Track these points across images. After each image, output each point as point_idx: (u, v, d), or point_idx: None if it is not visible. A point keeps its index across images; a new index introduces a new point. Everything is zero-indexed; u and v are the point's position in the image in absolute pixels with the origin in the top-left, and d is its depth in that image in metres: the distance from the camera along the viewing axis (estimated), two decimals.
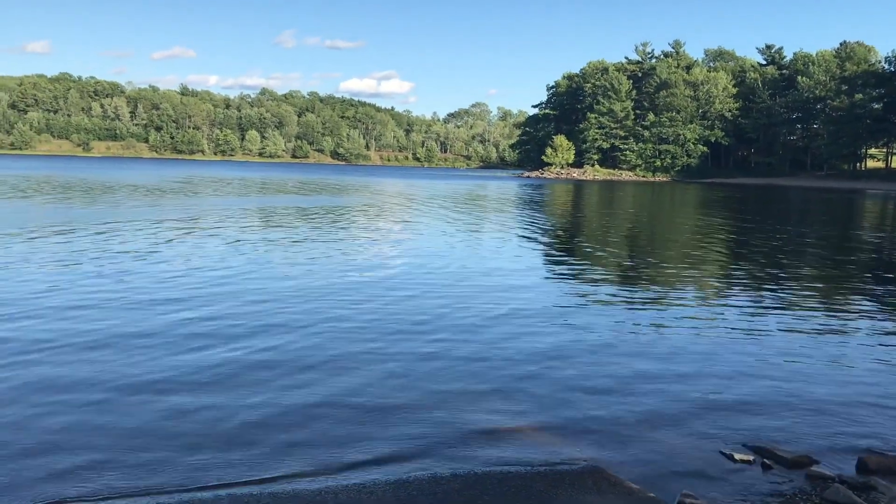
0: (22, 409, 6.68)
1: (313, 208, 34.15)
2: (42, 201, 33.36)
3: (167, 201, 36.25)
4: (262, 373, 7.97)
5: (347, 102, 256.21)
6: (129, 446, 5.99)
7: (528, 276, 15.52)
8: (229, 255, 16.91)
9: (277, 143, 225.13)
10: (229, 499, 5.18)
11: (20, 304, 10.90)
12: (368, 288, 13.28)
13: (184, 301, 11.50)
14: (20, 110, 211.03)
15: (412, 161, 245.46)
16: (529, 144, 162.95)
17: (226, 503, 5.13)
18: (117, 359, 8.30)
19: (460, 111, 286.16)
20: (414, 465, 5.80)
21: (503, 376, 8.12)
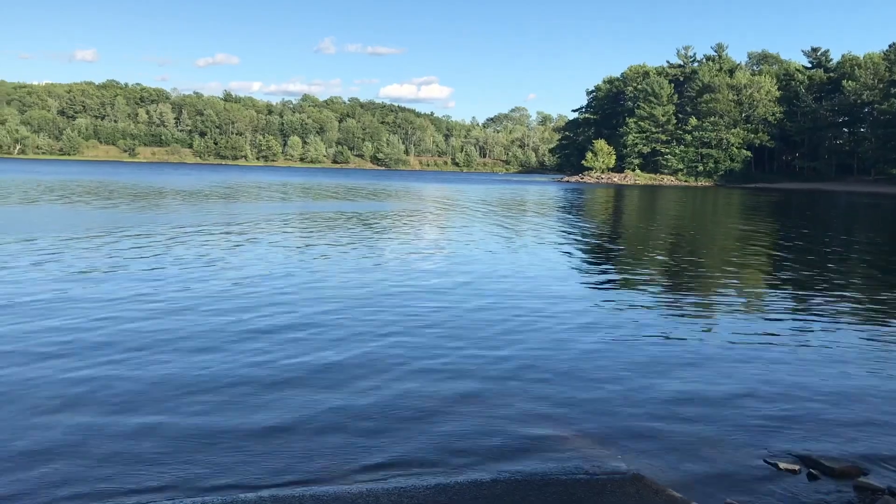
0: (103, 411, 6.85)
1: (357, 214, 34.35)
2: (101, 206, 34.08)
3: (220, 206, 36.77)
4: (316, 375, 8.08)
5: (387, 108, 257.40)
6: (178, 447, 6.10)
7: (569, 283, 15.43)
8: (289, 261, 17.18)
9: (319, 148, 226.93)
10: (272, 500, 5.23)
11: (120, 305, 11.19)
12: (411, 293, 13.32)
13: (262, 308, 11.62)
14: (69, 116, 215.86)
15: (451, 166, 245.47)
16: (569, 149, 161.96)
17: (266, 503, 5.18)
18: (185, 359, 8.50)
19: (499, 116, 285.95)
20: (455, 470, 5.80)
21: (544, 382, 8.09)
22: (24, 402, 7.00)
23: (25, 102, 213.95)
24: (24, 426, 6.42)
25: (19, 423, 6.49)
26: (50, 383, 7.58)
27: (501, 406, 7.28)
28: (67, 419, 6.62)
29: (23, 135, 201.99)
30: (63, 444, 6.09)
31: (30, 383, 7.55)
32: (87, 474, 5.56)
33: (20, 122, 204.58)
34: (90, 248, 18.36)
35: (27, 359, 8.40)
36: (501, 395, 7.60)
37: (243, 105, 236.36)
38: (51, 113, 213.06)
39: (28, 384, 7.51)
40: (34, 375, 7.82)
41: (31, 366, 8.15)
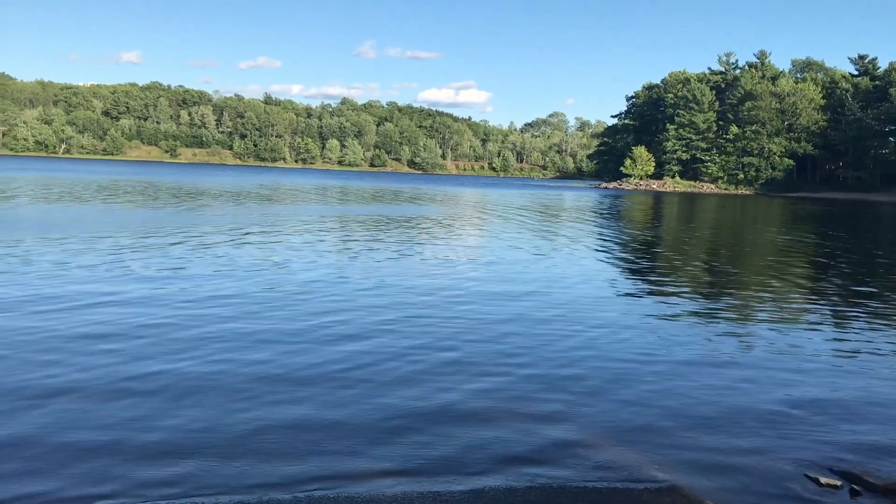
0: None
1: (399, 218, 34.49)
2: (156, 205, 34.69)
3: (268, 208, 37.21)
4: (353, 376, 8.14)
5: (425, 112, 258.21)
6: (220, 446, 6.19)
7: (606, 291, 15.30)
8: (339, 263, 17.36)
9: (356, 151, 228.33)
10: (307, 500, 5.28)
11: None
12: (447, 299, 13.35)
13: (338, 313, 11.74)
14: (113, 117, 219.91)
15: (488, 171, 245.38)
16: (607, 155, 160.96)
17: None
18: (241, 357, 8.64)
19: (537, 121, 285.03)
20: (489, 475, 5.79)
21: (581, 390, 8.06)
22: (157, 398, 7.22)
23: (71, 103, 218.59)
24: (161, 415, 6.76)
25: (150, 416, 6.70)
26: (165, 380, 7.81)
27: (538, 412, 7.26)
28: (185, 414, 6.85)
29: (68, 134, 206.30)
30: (191, 438, 6.32)
31: (165, 376, 7.87)
32: (224, 468, 5.73)
33: (66, 122, 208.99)
34: (159, 248, 18.71)
35: (151, 354, 8.70)
36: (538, 402, 7.58)
37: (283, 108, 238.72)
38: (95, 113, 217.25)
39: (165, 377, 7.85)
40: (168, 368, 8.15)
41: (166, 357, 8.48)
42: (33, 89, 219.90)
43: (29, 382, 7.49)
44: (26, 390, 7.26)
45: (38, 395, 7.16)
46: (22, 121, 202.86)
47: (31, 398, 7.05)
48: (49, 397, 7.09)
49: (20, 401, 6.96)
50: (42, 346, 8.83)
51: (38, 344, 8.95)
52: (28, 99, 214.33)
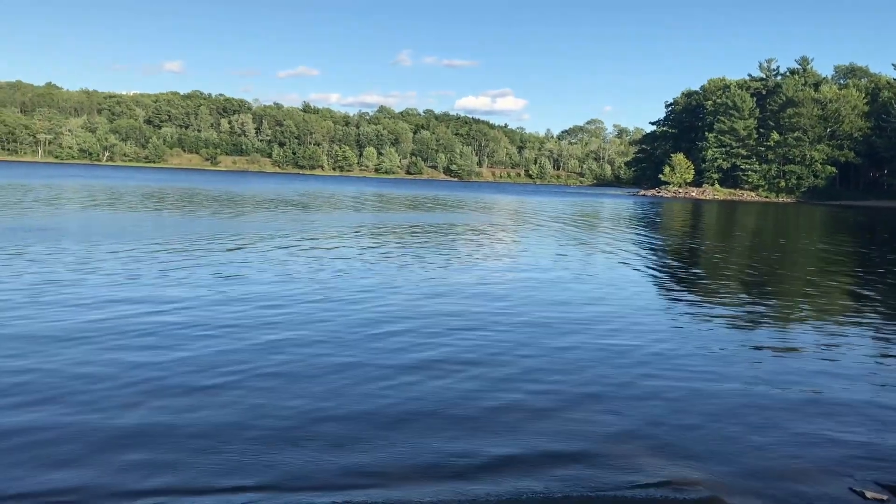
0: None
1: (444, 225, 34.59)
2: (206, 212, 35.27)
3: (310, 215, 37.57)
4: (404, 377, 8.20)
5: (462, 120, 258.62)
6: (270, 442, 6.26)
7: (646, 298, 15.21)
8: (383, 269, 17.55)
9: (393, 159, 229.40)
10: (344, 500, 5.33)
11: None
12: (489, 309, 13.37)
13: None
14: (155, 125, 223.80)
15: (524, 178, 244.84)
16: (646, 162, 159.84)
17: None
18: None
19: (574, 128, 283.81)
20: (526, 482, 5.77)
21: (618, 397, 8.03)
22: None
23: (115, 111, 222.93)
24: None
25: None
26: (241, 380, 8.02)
27: (578, 420, 7.24)
28: (283, 412, 7.06)
29: (111, 142, 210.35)
30: (281, 431, 6.52)
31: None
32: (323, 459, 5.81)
33: (109, 130, 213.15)
34: (217, 254, 19.10)
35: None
36: (572, 409, 7.56)
37: (321, 116, 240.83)
38: (138, 122, 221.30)
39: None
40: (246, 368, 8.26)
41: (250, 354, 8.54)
42: (78, 98, 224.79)
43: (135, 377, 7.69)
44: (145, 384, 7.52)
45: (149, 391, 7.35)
46: (67, 129, 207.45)
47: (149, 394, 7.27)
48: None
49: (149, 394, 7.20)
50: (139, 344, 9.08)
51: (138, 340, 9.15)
52: (73, 108, 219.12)
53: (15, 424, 6.51)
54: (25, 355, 8.66)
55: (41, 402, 7.07)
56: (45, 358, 8.57)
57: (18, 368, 8.13)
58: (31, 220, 26.99)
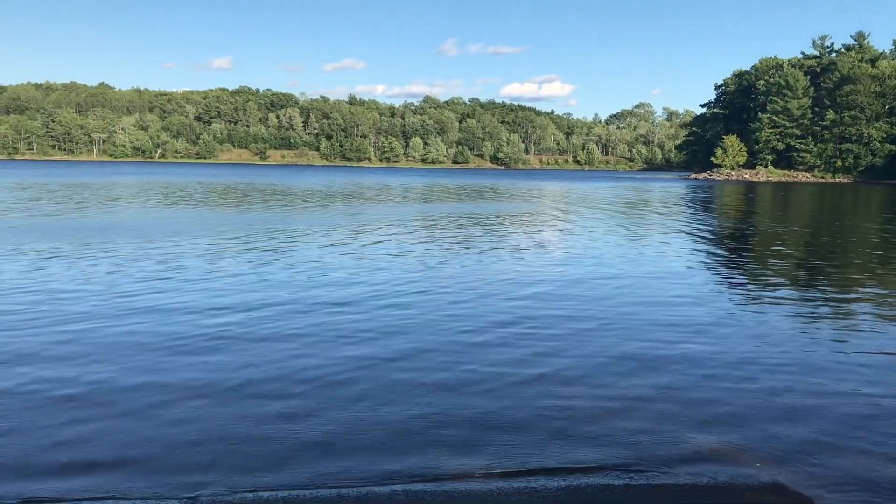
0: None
1: (492, 215, 34.51)
2: (274, 207, 35.78)
3: (366, 208, 37.95)
4: (476, 369, 8.18)
5: (508, 107, 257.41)
6: (329, 438, 6.30)
7: (702, 286, 14.75)
8: (430, 260, 17.59)
9: (439, 149, 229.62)
10: (405, 494, 5.31)
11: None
12: (541, 297, 13.25)
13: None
14: (205, 122, 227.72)
15: (572, 164, 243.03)
16: (696, 145, 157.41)
17: (402, 499, 5.25)
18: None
19: (623, 112, 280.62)
20: (586, 473, 5.70)
21: (677, 385, 7.84)
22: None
23: (166, 109, 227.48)
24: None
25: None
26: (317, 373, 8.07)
27: (631, 410, 7.12)
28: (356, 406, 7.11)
29: (163, 140, 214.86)
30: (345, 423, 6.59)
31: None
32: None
33: (161, 127, 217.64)
34: (290, 248, 19.32)
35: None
36: (636, 399, 7.42)
37: (367, 108, 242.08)
38: (188, 119, 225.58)
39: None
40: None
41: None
42: (130, 97, 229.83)
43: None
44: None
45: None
46: (120, 127, 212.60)
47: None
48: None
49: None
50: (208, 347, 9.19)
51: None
52: (125, 106, 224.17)
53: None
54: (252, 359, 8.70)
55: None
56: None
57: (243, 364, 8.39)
58: (120, 218, 27.73)
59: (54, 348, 8.79)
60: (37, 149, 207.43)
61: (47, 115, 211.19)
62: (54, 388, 7.35)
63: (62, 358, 8.40)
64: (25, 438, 6.12)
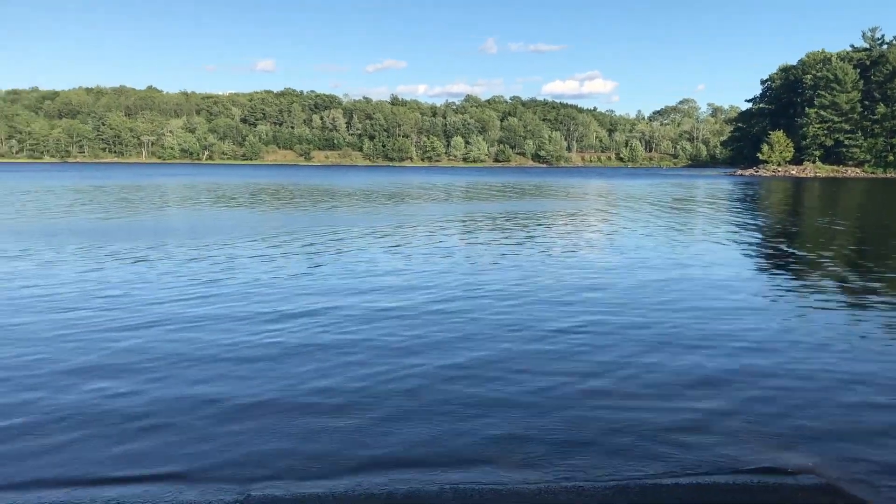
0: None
1: (536, 213, 34.58)
2: (322, 207, 36.43)
3: (413, 207, 38.12)
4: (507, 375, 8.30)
5: (549, 105, 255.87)
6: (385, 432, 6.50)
7: (761, 291, 14.38)
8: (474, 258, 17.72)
9: (481, 147, 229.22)
10: (453, 492, 5.43)
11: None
12: (589, 298, 13.29)
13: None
14: (250, 123, 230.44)
15: (615, 161, 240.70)
16: (742, 141, 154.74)
17: (450, 496, 5.38)
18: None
19: (666, 108, 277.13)
20: (634, 471, 5.77)
21: (747, 399, 7.67)
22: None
23: (212, 111, 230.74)
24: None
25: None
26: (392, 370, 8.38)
27: (686, 407, 7.19)
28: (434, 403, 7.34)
29: (210, 141, 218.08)
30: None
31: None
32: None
33: (208, 129, 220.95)
34: (356, 247, 19.85)
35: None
36: (688, 398, 7.49)
37: (409, 108, 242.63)
38: (234, 121, 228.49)
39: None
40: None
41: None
42: (178, 100, 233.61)
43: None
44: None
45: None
46: (168, 130, 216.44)
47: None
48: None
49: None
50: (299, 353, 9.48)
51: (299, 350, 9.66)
52: (173, 109, 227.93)
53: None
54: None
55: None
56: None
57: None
58: (174, 219, 28.50)
59: (111, 356, 8.89)
60: (88, 151, 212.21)
61: (98, 119, 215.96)
62: (109, 393, 7.49)
63: (118, 364, 8.51)
64: (84, 442, 6.33)
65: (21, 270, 15.36)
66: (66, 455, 5.99)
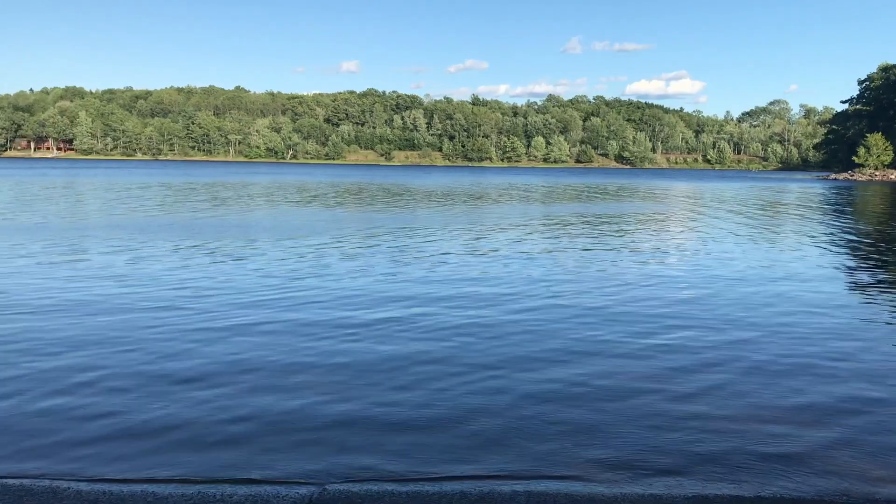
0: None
1: (627, 215, 33.92)
2: (414, 207, 36.71)
3: (497, 207, 38.18)
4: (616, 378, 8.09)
5: (634, 105, 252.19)
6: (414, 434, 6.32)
7: (854, 303, 13.79)
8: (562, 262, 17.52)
9: (562, 148, 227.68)
10: (526, 494, 5.24)
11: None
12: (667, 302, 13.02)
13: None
14: (334, 124, 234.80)
15: (702, 163, 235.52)
16: (836, 144, 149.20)
17: (523, 500, 5.18)
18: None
19: (756, 109, 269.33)
20: (715, 482, 5.51)
21: (823, 404, 7.37)
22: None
23: (297, 112, 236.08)
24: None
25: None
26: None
27: (775, 419, 6.85)
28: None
29: (294, 141, 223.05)
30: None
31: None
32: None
33: (293, 129, 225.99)
34: (440, 246, 19.99)
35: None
36: (776, 409, 7.13)
37: (489, 108, 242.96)
38: (318, 121, 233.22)
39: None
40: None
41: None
42: (264, 100, 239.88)
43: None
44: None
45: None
46: (255, 129, 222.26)
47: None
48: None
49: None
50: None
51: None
52: (259, 109, 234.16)
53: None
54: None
55: None
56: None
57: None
58: (265, 216, 29.07)
59: (199, 357, 8.88)
60: (178, 149, 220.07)
61: (188, 118, 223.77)
62: (192, 392, 7.54)
63: (205, 364, 8.56)
64: (188, 425, 6.51)
65: (109, 265, 15.81)
66: (152, 454, 6.01)
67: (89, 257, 16.73)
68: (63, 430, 6.39)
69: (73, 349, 8.88)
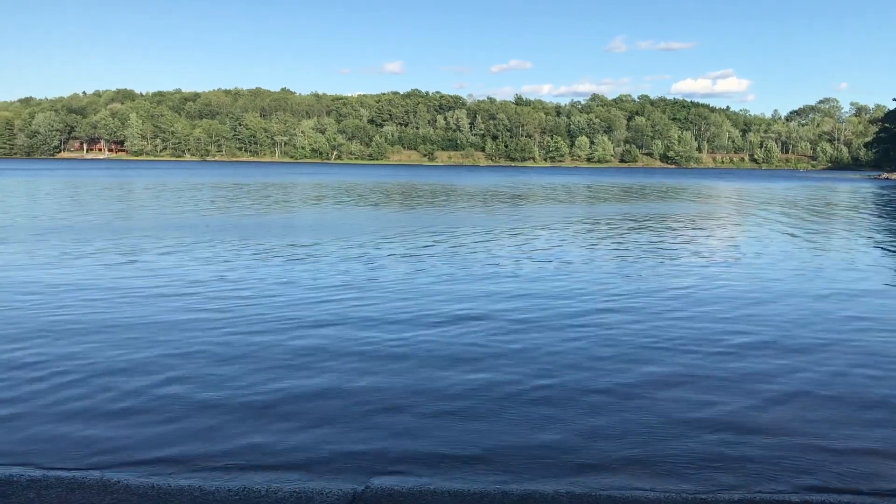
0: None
1: (660, 216, 33.87)
2: (466, 207, 37.15)
3: (542, 207, 38.35)
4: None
5: (679, 104, 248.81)
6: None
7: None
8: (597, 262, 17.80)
9: (606, 147, 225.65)
10: (568, 496, 5.30)
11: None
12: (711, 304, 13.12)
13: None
14: (377, 124, 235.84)
15: (748, 163, 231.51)
16: (889, 143, 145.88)
17: (565, 501, 5.27)
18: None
19: (805, 108, 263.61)
20: (759, 485, 5.62)
21: (848, 402, 7.50)
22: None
23: (341, 112, 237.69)
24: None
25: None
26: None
27: (814, 425, 6.90)
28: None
29: (339, 142, 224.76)
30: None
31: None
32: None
33: (337, 130, 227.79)
34: (491, 248, 20.34)
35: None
36: (820, 420, 7.12)
37: (533, 108, 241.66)
38: (362, 121, 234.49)
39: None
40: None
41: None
42: (309, 101, 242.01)
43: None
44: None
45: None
46: (300, 130, 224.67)
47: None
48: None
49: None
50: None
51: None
52: (304, 110, 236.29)
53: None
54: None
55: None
56: None
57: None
58: (317, 216, 29.75)
59: (250, 350, 9.27)
60: (225, 150, 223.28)
61: (235, 119, 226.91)
62: (242, 384, 7.86)
63: (253, 357, 8.93)
64: (215, 430, 6.61)
65: (162, 264, 16.44)
66: (198, 442, 6.31)
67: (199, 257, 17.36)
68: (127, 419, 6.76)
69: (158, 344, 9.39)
